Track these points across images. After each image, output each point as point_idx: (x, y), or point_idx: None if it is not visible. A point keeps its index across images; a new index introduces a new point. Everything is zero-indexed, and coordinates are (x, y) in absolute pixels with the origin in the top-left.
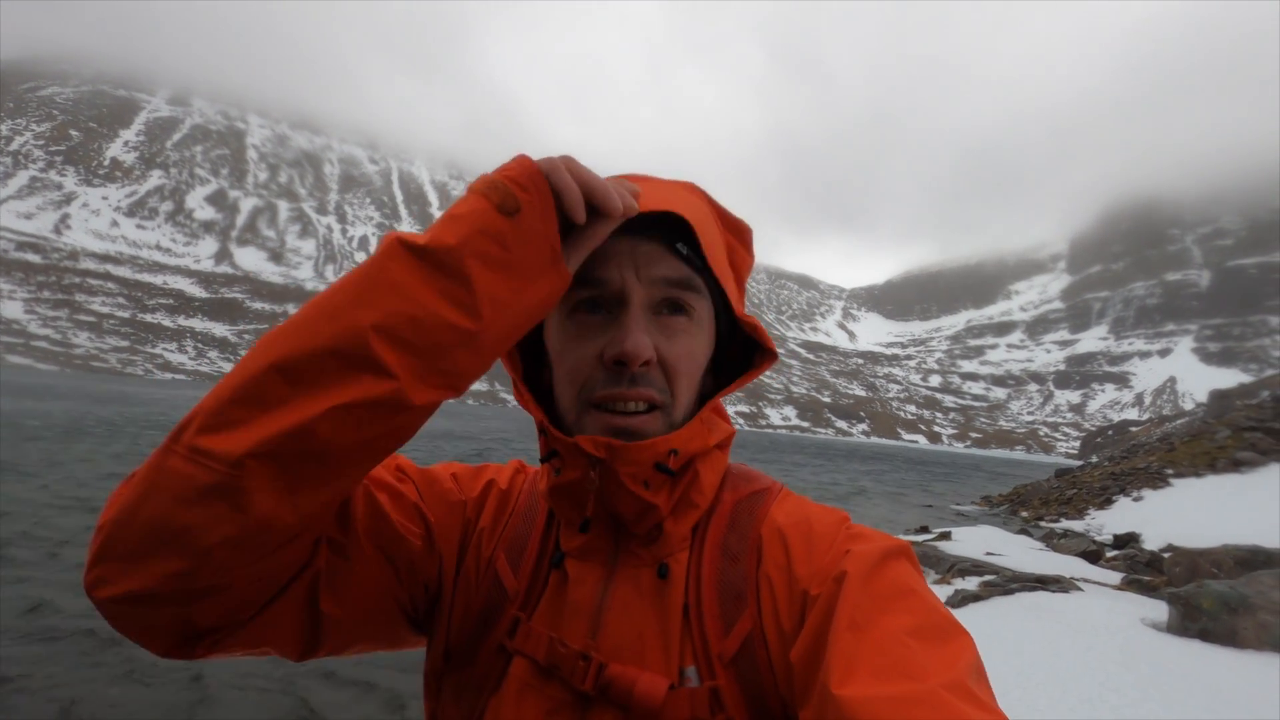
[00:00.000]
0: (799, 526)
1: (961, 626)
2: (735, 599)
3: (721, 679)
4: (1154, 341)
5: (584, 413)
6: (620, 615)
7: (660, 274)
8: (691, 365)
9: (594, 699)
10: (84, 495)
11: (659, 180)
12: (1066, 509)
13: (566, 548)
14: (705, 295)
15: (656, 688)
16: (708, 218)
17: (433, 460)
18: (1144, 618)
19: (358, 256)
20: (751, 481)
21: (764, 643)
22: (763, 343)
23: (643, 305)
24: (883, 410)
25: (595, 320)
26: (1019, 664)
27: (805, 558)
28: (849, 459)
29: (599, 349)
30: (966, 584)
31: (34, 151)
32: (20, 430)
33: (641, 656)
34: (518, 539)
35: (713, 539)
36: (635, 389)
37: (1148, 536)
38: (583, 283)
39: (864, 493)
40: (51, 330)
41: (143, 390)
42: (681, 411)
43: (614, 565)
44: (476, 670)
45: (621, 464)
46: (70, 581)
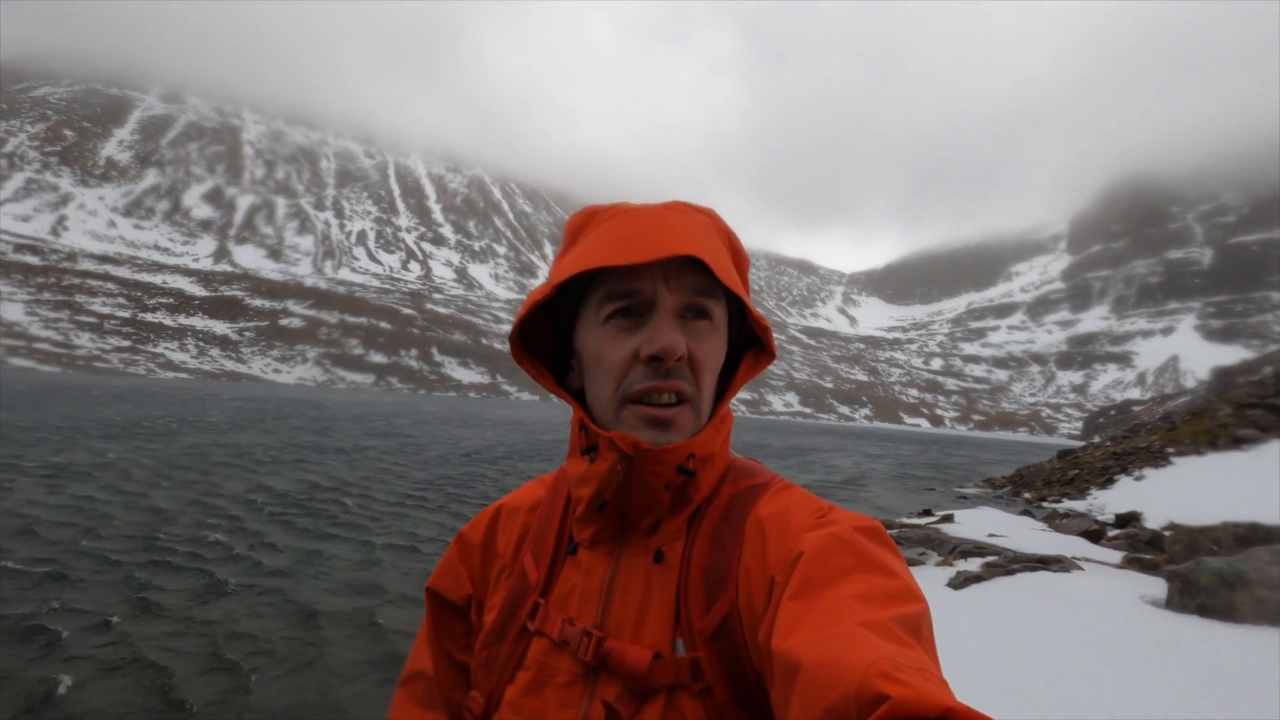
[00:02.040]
0: (778, 517)
1: (919, 594)
2: (718, 583)
3: (702, 652)
4: (1156, 320)
5: (621, 407)
6: (623, 597)
7: (687, 283)
8: (714, 364)
9: (598, 670)
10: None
11: (681, 217)
12: (1069, 489)
13: (579, 538)
14: (723, 302)
15: (642, 658)
16: (719, 246)
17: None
18: (1143, 595)
19: (356, 252)
20: (751, 476)
21: (739, 622)
22: (767, 345)
23: (671, 310)
24: (885, 395)
25: (628, 324)
26: (1019, 642)
27: (778, 545)
28: (857, 442)
29: (635, 348)
30: (969, 565)
31: (29, 153)
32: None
33: (640, 632)
34: (539, 536)
35: (706, 529)
36: (670, 381)
37: (1149, 515)
38: (617, 294)
39: (866, 477)
40: (53, 332)
41: (150, 387)
42: (706, 405)
43: (619, 554)
44: (504, 648)
45: (648, 463)
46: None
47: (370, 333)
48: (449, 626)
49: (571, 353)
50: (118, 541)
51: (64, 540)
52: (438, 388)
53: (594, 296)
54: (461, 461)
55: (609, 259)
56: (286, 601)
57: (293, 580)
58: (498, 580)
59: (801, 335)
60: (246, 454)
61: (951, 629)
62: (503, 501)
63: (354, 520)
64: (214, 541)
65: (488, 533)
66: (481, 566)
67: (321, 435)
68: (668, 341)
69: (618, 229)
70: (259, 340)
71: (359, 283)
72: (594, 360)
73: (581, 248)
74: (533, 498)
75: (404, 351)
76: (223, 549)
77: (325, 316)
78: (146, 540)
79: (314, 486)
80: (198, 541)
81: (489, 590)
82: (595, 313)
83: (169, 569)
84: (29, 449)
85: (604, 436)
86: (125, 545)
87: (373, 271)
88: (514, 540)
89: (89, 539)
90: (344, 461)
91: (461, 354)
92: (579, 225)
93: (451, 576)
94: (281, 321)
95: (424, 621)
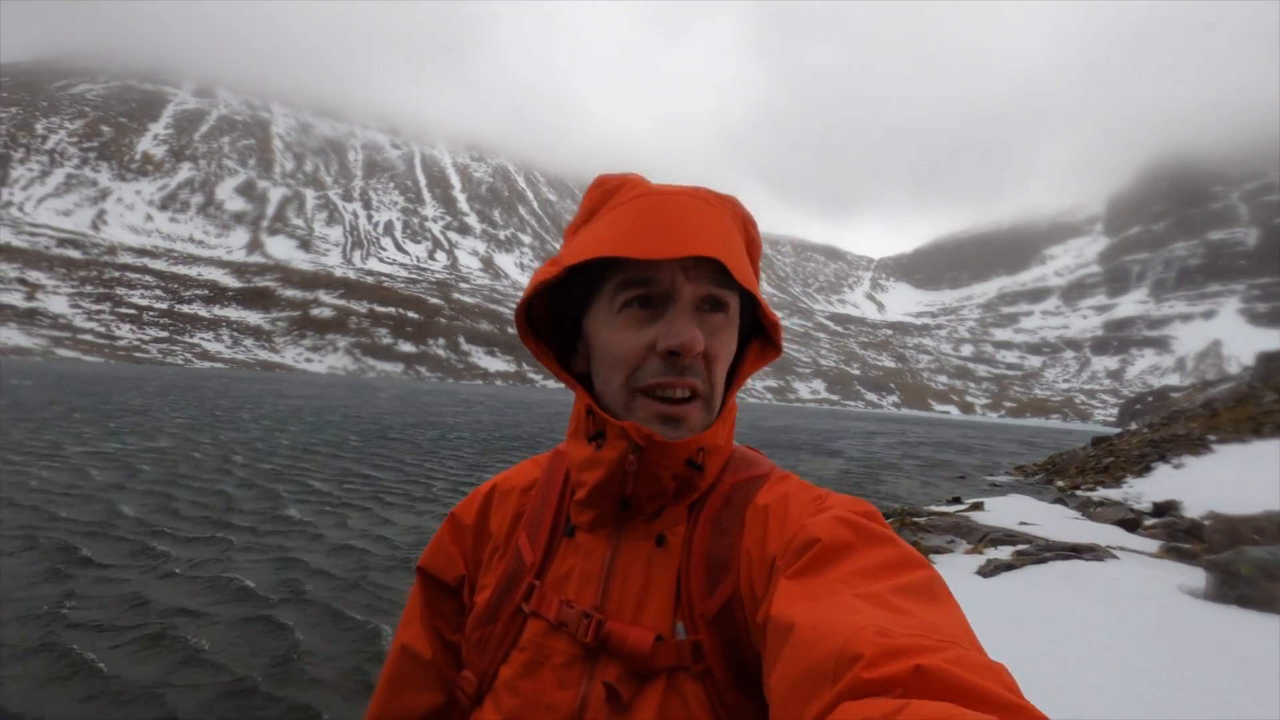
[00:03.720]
0: (778, 504)
1: (920, 560)
2: (720, 567)
3: (703, 634)
4: (1197, 304)
5: (632, 398)
6: (624, 579)
7: (706, 274)
8: (726, 357)
9: (597, 651)
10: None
11: (705, 208)
12: (1103, 477)
13: (577, 521)
14: (736, 294)
15: (644, 640)
16: (737, 240)
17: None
18: (1181, 585)
19: (383, 242)
20: (752, 466)
21: (741, 605)
22: (775, 341)
23: (690, 303)
24: (913, 381)
25: (645, 314)
26: (1051, 630)
27: (778, 531)
28: (884, 427)
29: (650, 340)
30: (999, 553)
31: (68, 149)
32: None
33: (641, 615)
34: (534, 517)
35: (708, 515)
36: (684, 378)
37: (1188, 504)
38: (634, 282)
39: (894, 465)
40: (96, 324)
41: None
42: (717, 400)
43: (619, 537)
44: (497, 628)
45: (658, 455)
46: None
47: (399, 322)
48: (440, 606)
49: (578, 335)
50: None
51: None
52: (465, 376)
53: (608, 283)
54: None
55: (628, 250)
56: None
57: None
58: (490, 560)
59: (828, 322)
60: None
61: (980, 617)
62: (496, 480)
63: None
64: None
65: (480, 512)
66: (474, 546)
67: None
68: (688, 337)
69: (639, 215)
70: (291, 330)
71: (387, 273)
72: (605, 348)
73: (598, 228)
74: (527, 478)
75: (431, 340)
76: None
77: (355, 306)
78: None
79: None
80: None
81: (481, 570)
82: (609, 299)
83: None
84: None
85: (615, 425)
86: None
87: (400, 261)
88: (508, 521)
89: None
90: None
91: (488, 343)
92: (597, 200)
93: (444, 556)
94: (313, 311)
95: (413, 599)
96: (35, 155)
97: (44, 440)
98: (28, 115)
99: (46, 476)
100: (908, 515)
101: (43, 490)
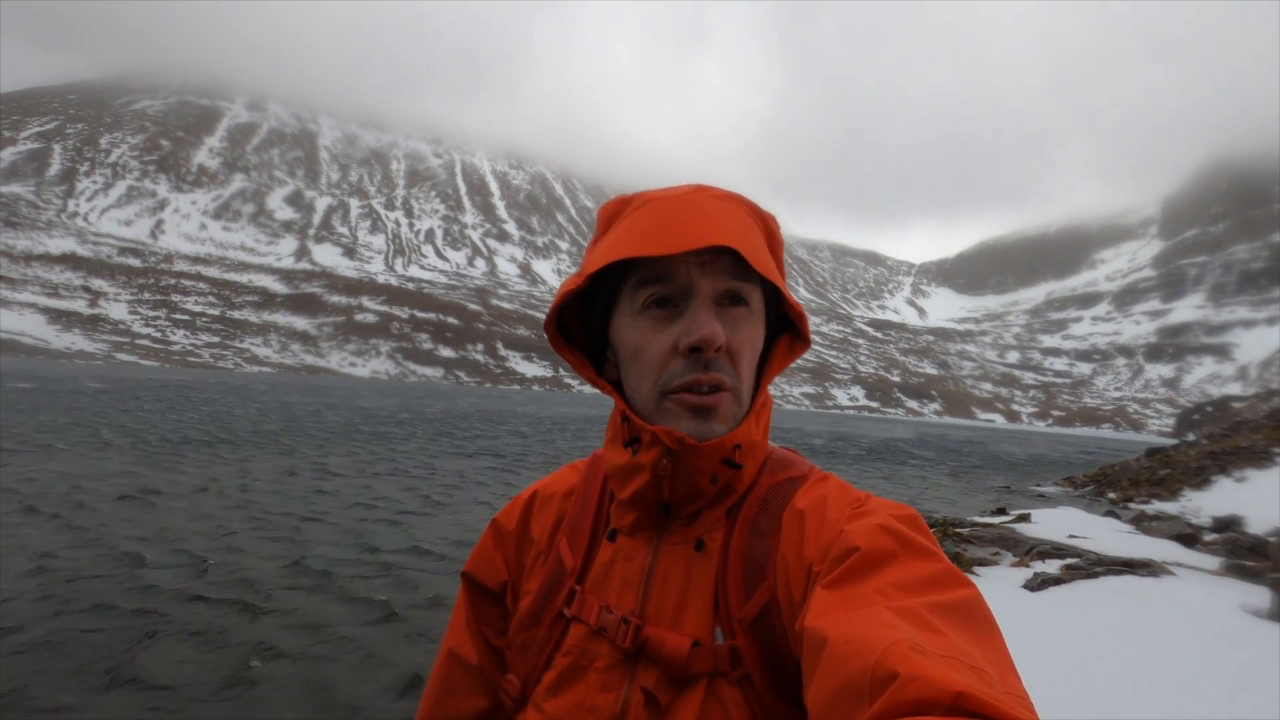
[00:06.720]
0: (816, 507)
1: (962, 578)
2: (757, 572)
3: (741, 640)
4: (1260, 309)
5: (662, 400)
6: (663, 584)
7: (723, 268)
8: (752, 352)
9: (636, 656)
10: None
11: (714, 202)
12: (1158, 490)
13: (617, 524)
14: (759, 287)
15: (681, 646)
16: (753, 230)
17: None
18: (1244, 604)
19: (424, 249)
20: (789, 467)
21: (778, 610)
22: (802, 331)
23: (709, 297)
24: (956, 389)
25: (664, 314)
26: (1103, 649)
27: (816, 536)
28: (925, 434)
29: (673, 340)
30: (1047, 567)
31: (130, 162)
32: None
33: (680, 620)
34: (574, 523)
35: (744, 518)
36: (710, 374)
37: (1251, 520)
38: (651, 281)
39: (935, 475)
40: (152, 329)
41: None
42: (747, 394)
43: (659, 541)
44: (540, 631)
45: (692, 457)
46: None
47: (439, 328)
48: (485, 611)
49: (606, 343)
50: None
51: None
52: (502, 381)
53: (628, 285)
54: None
55: (641, 249)
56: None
57: None
58: (533, 566)
59: (867, 328)
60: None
61: (1027, 633)
62: (537, 487)
63: None
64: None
65: (522, 518)
66: (516, 552)
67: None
68: (708, 331)
69: (649, 216)
70: (335, 335)
71: (427, 279)
72: (632, 353)
73: (613, 237)
74: (566, 484)
75: (470, 346)
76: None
77: (397, 312)
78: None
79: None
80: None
81: (524, 576)
82: (630, 302)
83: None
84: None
85: (647, 430)
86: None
87: (440, 268)
88: (549, 526)
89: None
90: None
91: (525, 348)
92: (611, 214)
93: (486, 562)
94: (357, 317)
95: (459, 605)
96: (100, 168)
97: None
98: (93, 130)
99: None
100: (950, 526)
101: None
